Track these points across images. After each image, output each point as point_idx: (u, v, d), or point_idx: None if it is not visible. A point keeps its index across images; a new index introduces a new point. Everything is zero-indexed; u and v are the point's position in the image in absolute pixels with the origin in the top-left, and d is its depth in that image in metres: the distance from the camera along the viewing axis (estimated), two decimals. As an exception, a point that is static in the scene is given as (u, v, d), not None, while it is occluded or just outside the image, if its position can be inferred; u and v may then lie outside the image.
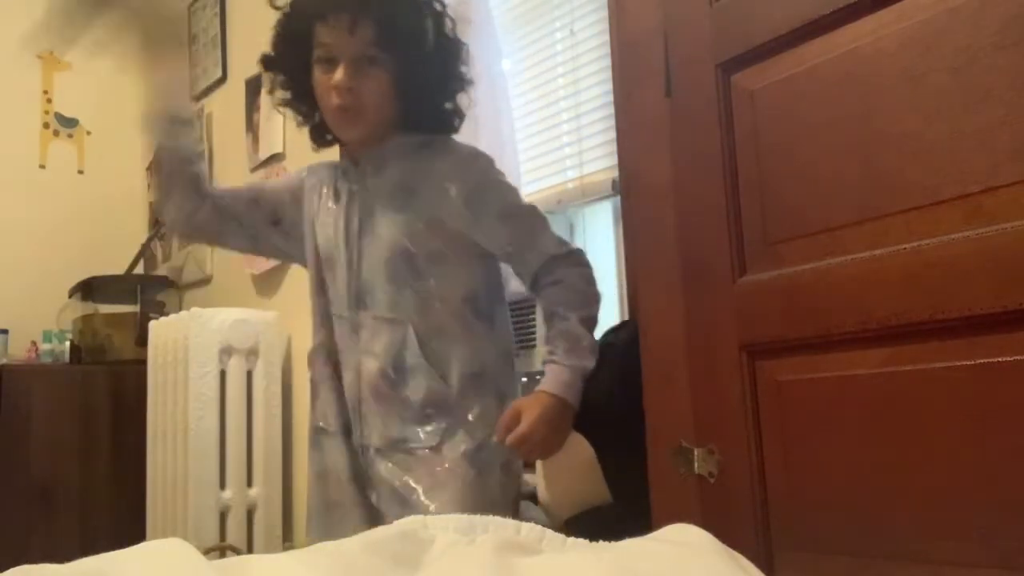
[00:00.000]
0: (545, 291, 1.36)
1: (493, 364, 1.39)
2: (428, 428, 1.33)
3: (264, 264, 2.94)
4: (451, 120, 1.41)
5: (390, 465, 1.34)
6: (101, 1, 1.34)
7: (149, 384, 2.79)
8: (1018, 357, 0.83)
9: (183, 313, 2.69)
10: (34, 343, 3.36)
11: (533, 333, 1.81)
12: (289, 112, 1.46)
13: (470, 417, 1.35)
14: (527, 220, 1.38)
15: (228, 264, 3.21)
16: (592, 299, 1.37)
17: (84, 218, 3.68)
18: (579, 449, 1.41)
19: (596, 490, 1.43)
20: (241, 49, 3.28)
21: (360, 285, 1.38)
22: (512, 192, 1.41)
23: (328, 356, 1.44)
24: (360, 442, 1.39)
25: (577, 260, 1.39)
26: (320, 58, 1.32)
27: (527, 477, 1.81)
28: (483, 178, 1.37)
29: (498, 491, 1.35)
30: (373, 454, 1.37)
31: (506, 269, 1.46)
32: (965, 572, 0.85)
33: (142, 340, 2.91)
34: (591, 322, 1.35)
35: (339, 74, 1.28)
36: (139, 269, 3.55)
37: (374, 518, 1.36)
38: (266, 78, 1.47)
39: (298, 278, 2.80)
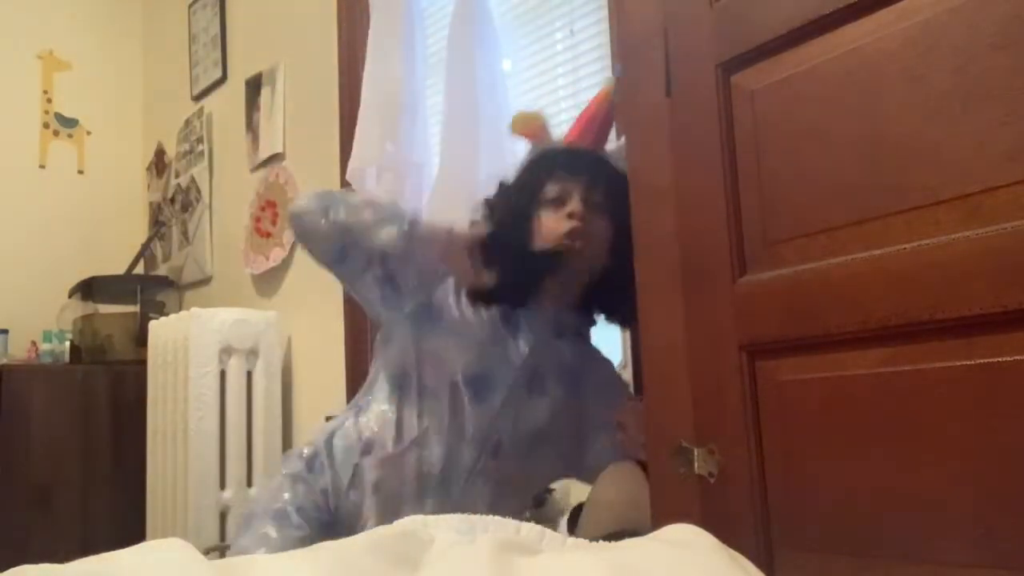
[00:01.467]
0: None
1: None
2: None
3: (264, 264, 2.94)
4: (630, 317, 1.42)
5: None
6: None
7: (149, 384, 2.79)
8: (1018, 357, 0.82)
9: (183, 313, 2.69)
10: (34, 343, 3.35)
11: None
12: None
13: None
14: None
15: (228, 264, 3.22)
16: None
17: (84, 218, 3.68)
18: (636, 475, 1.47)
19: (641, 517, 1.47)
20: (241, 49, 3.29)
21: (502, 434, 1.34)
22: None
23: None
24: None
25: None
26: (550, 200, 1.36)
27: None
28: (619, 393, 1.47)
29: None
30: None
31: None
32: (965, 572, 0.85)
33: (142, 340, 2.91)
34: None
35: (574, 202, 1.34)
36: (139, 269, 3.55)
37: None
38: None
39: (298, 278, 2.81)
